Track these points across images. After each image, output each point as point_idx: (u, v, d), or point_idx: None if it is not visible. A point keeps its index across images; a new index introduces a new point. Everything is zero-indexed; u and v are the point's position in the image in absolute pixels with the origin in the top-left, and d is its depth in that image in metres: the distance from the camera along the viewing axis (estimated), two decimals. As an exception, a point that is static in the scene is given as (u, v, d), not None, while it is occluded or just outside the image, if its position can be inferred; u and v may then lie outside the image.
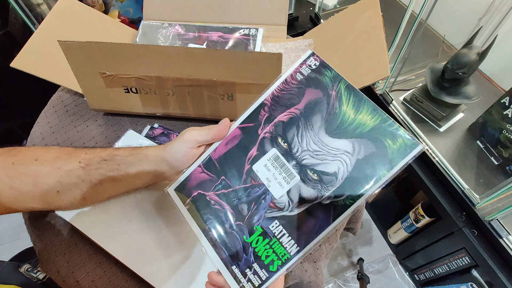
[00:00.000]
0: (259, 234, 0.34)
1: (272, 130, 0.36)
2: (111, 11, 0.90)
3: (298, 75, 0.37)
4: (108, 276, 0.45)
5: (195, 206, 0.38)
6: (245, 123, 0.38)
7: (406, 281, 1.09)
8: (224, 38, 0.72)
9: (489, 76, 0.95)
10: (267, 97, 0.37)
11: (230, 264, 0.35)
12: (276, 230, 0.34)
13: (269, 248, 0.34)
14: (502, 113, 0.73)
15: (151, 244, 0.45)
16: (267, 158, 0.36)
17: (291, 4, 1.09)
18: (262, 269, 0.34)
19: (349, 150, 0.32)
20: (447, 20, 1.02)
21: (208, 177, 0.38)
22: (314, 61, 0.36)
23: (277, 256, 0.33)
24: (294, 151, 0.35)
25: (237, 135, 0.38)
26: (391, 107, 0.92)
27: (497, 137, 0.76)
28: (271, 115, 0.36)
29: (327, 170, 0.33)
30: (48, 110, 0.66)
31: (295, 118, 0.35)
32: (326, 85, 0.35)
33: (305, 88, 0.36)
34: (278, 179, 0.35)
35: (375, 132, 0.32)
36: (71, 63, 0.52)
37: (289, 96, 0.36)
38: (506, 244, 0.68)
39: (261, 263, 0.34)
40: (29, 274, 0.50)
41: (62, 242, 0.48)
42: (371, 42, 0.57)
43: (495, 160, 0.78)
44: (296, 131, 0.35)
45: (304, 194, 0.34)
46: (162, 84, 0.53)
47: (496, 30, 0.90)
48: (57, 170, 0.38)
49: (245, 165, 0.36)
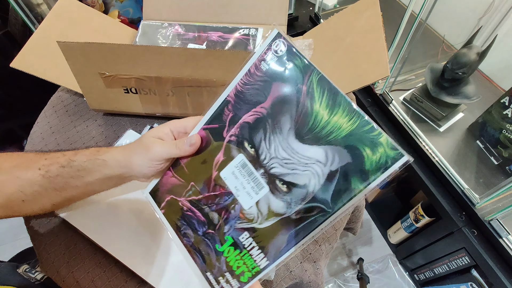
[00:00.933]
0: (230, 245, 0.32)
1: (237, 133, 0.31)
2: (111, 11, 0.90)
3: (263, 64, 0.29)
4: (108, 276, 0.45)
5: (169, 210, 0.36)
6: (209, 124, 0.33)
7: (406, 281, 1.09)
8: (224, 38, 0.72)
9: (489, 76, 0.95)
10: (230, 93, 0.32)
11: (205, 270, 0.34)
12: (246, 242, 0.32)
13: (239, 259, 0.32)
14: (502, 113, 0.73)
15: (151, 244, 0.45)
16: (234, 164, 0.32)
17: (291, 4, 1.09)
18: (234, 279, 0.32)
19: (322, 160, 0.28)
20: (447, 20, 1.02)
21: (179, 182, 0.35)
22: (282, 45, 0.28)
23: (247, 268, 0.32)
24: (262, 158, 0.30)
25: (202, 138, 0.34)
26: (391, 107, 0.92)
27: (497, 137, 0.76)
28: (236, 115, 0.31)
29: (297, 182, 0.29)
30: (48, 110, 0.66)
31: (261, 119, 0.30)
32: (295, 78, 0.28)
33: (271, 82, 0.29)
34: (247, 188, 0.31)
35: (352, 139, 0.27)
36: (71, 64, 0.52)
37: (253, 92, 0.30)
38: (506, 244, 0.68)
39: (232, 273, 0.32)
40: (27, 274, 0.50)
41: (62, 242, 0.48)
42: (371, 42, 0.57)
43: (495, 160, 0.78)
44: (263, 135, 0.30)
45: (273, 207, 0.30)
46: (162, 84, 0.53)
47: (496, 30, 0.90)
48: (16, 179, 0.36)
49: (212, 171, 0.33)
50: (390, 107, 0.92)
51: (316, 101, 0.28)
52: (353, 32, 0.62)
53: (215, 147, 0.33)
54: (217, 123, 0.33)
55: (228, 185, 0.32)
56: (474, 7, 0.92)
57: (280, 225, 0.30)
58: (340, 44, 0.63)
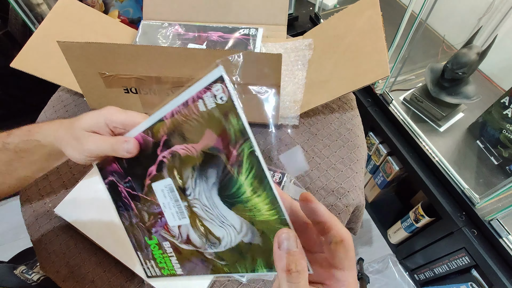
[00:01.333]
0: (156, 244, 0.35)
1: (169, 157, 0.30)
2: (111, 11, 0.90)
3: (200, 103, 0.26)
4: (108, 276, 0.45)
5: (111, 188, 0.36)
6: (147, 133, 0.32)
7: (406, 281, 1.09)
8: (224, 38, 0.72)
9: (489, 76, 0.95)
10: (166, 115, 0.29)
11: (136, 249, 0.37)
12: (168, 249, 0.34)
13: (162, 258, 0.35)
14: (502, 113, 0.73)
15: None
16: (164, 185, 0.31)
17: (291, 4, 1.09)
18: (157, 268, 0.36)
19: (237, 228, 0.27)
20: (447, 20, 1.02)
21: (118, 170, 0.35)
22: (221, 92, 0.24)
23: (167, 267, 0.34)
24: (187, 193, 0.29)
25: (140, 143, 0.32)
26: (391, 107, 0.92)
27: (497, 137, 0.76)
28: (169, 140, 0.29)
29: (213, 231, 0.29)
30: (48, 110, 0.66)
31: (191, 158, 0.28)
32: (228, 137, 0.26)
33: (205, 127, 0.27)
34: (172, 210, 0.31)
35: (266, 227, 0.26)
36: (71, 64, 0.52)
37: (187, 127, 0.28)
38: (506, 244, 0.68)
39: (156, 264, 0.35)
40: (23, 275, 0.50)
41: (62, 242, 0.48)
42: (371, 42, 0.57)
43: (495, 160, 0.78)
44: (191, 174, 0.29)
45: (191, 238, 0.31)
46: (162, 84, 0.53)
47: (496, 30, 0.90)
48: None
49: (146, 178, 0.32)
50: (390, 107, 0.92)
51: (243, 173, 0.25)
52: (353, 32, 0.62)
53: (150, 156, 0.32)
54: (153, 138, 0.31)
55: (158, 197, 0.32)
56: (474, 7, 0.92)
57: (195, 254, 0.31)
58: (340, 44, 0.63)
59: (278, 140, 0.59)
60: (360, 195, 0.54)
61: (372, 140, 1.03)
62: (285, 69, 0.68)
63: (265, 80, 0.49)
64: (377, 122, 0.94)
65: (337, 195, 0.52)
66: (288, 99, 0.62)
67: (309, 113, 0.62)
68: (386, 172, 1.02)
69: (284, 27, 0.75)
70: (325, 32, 0.70)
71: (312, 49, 0.70)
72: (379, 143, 1.01)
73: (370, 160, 1.10)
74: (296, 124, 0.60)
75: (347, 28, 0.64)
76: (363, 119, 0.66)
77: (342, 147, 0.58)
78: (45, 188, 0.54)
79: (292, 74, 0.67)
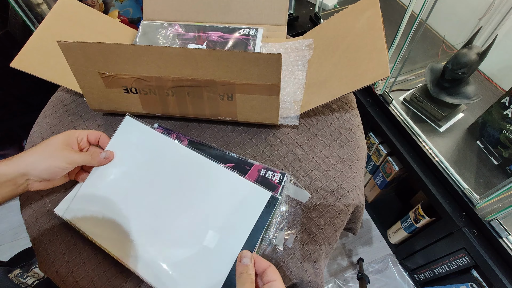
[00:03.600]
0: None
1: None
2: (111, 11, 0.90)
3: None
4: (108, 276, 0.45)
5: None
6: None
7: (406, 281, 1.09)
8: (224, 38, 0.72)
9: (489, 76, 0.95)
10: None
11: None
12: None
13: None
14: (502, 113, 0.73)
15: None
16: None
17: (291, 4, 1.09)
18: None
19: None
20: (447, 20, 1.02)
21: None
22: None
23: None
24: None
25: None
26: (391, 107, 0.92)
27: (497, 137, 0.76)
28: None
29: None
30: (48, 110, 0.66)
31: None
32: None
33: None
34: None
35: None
36: (71, 64, 0.52)
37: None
38: (506, 244, 0.68)
39: None
40: (18, 279, 0.50)
41: (61, 242, 0.48)
42: (371, 42, 0.57)
43: (495, 160, 0.78)
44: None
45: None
46: (162, 84, 0.53)
47: (496, 30, 0.90)
48: None
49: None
50: (390, 107, 0.92)
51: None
52: (353, 32, 0.62)
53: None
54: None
55: None
56: (474, 7, 0.92)
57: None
58: (340, 44, 0.63)
59: (278, 140, 0.59)
60: (360, 195, 0.54)
61: (372, 140, 1.03)
62: (285, 69, 0.68)
63: (265, 80, 0.49)
64: (377, 122, 0.94)
65: (337, 195, 0.52)
66: (288, 99, 0.62)
67: (309, 113, 0.62)
68: (386, 172, 1.02)
69: (284, 27, 0.75)
70: (325, 32, 0.70)
71: (312, 49, 0.70)
72: (379, 143, 1.01)
73: (370, 160, 1.10)
74: (296, 124, 0.60)
75: (347, 28, 0.64)
76: (363, 119, 0.66)
77: (342, 147, 0.58)
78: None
79: (292, 74, 0.67)
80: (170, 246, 0.44)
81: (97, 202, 0.47)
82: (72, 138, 0.46)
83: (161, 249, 0.44)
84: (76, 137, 0.47)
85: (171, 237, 0.45)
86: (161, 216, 0.46)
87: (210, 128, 0.61)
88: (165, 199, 0.47)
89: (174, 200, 0.47)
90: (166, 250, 0.44)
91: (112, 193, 0.48)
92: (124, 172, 0.49)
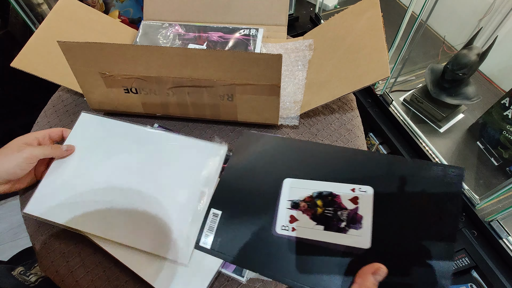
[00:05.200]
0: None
1: None
2: (112, 11, 0.90)
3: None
4: (108, 276, 0.45)
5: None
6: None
7: (406, 281, 1.09)
8: (224, 38, 0.72)
9: (489, 77, 0.95)
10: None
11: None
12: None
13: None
14: (502, 114, 0.73)
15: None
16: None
17: (291, 4, 1.09)
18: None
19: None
20: (447, 21, 1.02)
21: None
22: None
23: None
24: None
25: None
26: (391, 108, 0.92)
27: (497, 138, 0.76)
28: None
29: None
30: (48, 110, 0.66)
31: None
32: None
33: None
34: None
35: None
36: (71, 64, 0.52)
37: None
38: (506, 245, 0.68)
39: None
40: (21, 277, 0.50)
41: (61, 242, 0.48)
42: (371, 43, 0.57)
43: (495, 161, 0.78)
44: None
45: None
46: (162, 84, 0.53)
47: (496, 31, 0.90)
48: None
49: None
50: (390, 108, 0.92)
51: None
52: (354, 33, 0.62)
53: None
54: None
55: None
56: (475, 8, 0.92)
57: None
58: (341, 45, 0.63)
59: (278, 140, 0.59)
60: (360, 195, 0.54)
61: (372, 141, 1.03)
62: (285, 69, 0.68)
63: (265, 80, 0.49)
64: (377, 123, 0.94)
65: (337, 195, 0.52)
66: (288, 99, 0.62)
67: (309, 113, 0.62)
68: (386, 172, 1.02)
69: (284, 27, 0.75)
70: (326, 33, 0.70)
71: (313, 49, 0.70)
72: (379, 143, 1.01)
73: (370, 161, 1.10)
74: (296, 125, 0.60)
75: (347, 29, 0.64)
76: (363, 119, 0.66)
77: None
78: (45, 188, 0.54)
79: (292, 74, 0.67)
80: (142, 211, 0.46)
81: (63, 191, 0.48)
82: (31, 138, 0.46)
83: (133, 214, 0.46)
84: (36, 137, 0.47)
85: (141, 205, 0.47)
86: (128, 191, 0.48)
87: (210, 128, 0.61)
88: (130, 175, 0.49)
89: (139, 175, 0.49)
90: (138, 215, 0.46)
91: (76, 179, 0.49)
92: (86, 159, 0.51)
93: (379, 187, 0.33)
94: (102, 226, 0.45)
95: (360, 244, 0.30)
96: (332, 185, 0.35)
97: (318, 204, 0.34)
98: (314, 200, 0.34)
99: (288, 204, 0.35)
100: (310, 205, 0.34)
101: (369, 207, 0.32)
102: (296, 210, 0.34)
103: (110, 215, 0.46)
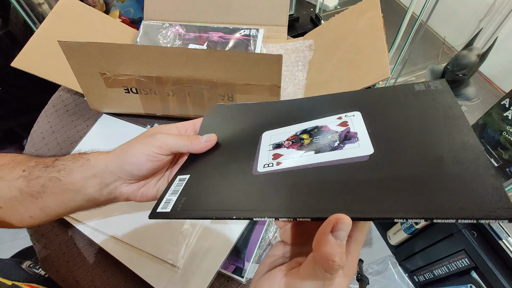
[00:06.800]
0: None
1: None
2: (112, 11, 0.90)
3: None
4: (108, 275, 0.45)
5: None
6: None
7: (405, 282, 1.09)
8: (224, 39, 0.72)
9: (489, 77, 0.95)
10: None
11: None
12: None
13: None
14: (502, 114, 0.73)
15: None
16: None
17: (292, 4, 1.09)
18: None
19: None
20: (447, 22, 1.02)
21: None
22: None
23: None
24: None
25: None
26: (391, 108, 0.92)
27: (497, 139, 0.76)
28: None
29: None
30: (49, 110, 0.66)
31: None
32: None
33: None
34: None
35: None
36: (72, 64, 0.52)
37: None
38: (505, 246, 0.68)
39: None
40: (31, 270, 0.50)
41: (61, 242, 0.48)
42: (371, 43, 0.57)
43: (495, 162, 0.78)
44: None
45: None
46: (162, 84, 0.53)
47: (496, 32, 0.90)
48: None
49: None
50: (390, 109, 0.92)
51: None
52: (354, 33, 0.62)
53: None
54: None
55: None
56: (475, 9, 0.92)
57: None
58: (341, 45, 0.63)
59: (278, 140, 0.59)
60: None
61: (372, 141, 1.03)
62: (285, 70, 0.68)
63: (265, 80, 0.49)
64: (377, 123, 0.94)
65: (337, 196, 0.52)
66: (289, 100, 0.63)
67: (309, 114, 0.62)
68: (386, 173, 1.02)
69: (284, 28, 0.75)
70: (326, 33, 0.70)
71: (313, 50, 0.70)
72: (379, 144, 1.00)
73: (370, 161, 1.10)
74: (296, 125, 0.60)
75: (347, 30, 0.64)
76: (363, 120, 0.66)
77: (342, 148, 0.58)
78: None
79: (293, 75, 0.67)
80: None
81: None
82: (171, 128, 0.36)
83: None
84: (177, 127, 0.36)
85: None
86: None
87: (211, 128, 0.61)
88: None
89: None
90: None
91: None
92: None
93: (366, 109, 0.29)
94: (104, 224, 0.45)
95: (362, 152, 0.26)
96: (315, 121, 0.30)
97: (304, 137, 0.30)
98: (299, 136, 0.30)
99: (270, 147, 0.30)
100: (295, 141, 0.30)
101: (361, 126, 0.28)
102: (280, 148, 0.30)
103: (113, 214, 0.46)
